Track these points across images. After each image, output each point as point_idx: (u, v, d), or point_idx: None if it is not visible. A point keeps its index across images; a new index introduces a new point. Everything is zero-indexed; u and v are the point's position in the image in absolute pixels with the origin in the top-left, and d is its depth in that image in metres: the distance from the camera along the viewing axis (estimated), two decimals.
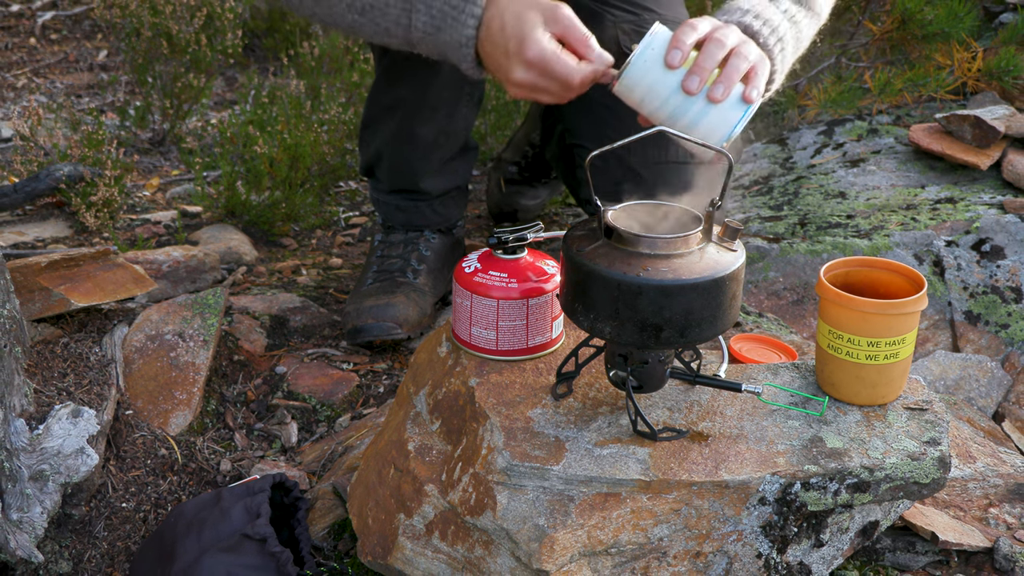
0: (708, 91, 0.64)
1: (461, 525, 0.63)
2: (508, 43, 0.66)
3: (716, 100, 0.64)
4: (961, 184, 1.19)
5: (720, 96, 0.64)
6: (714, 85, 0.64)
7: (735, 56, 0.65)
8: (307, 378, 0.98)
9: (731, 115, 0.65)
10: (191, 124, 1.65)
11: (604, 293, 0.60)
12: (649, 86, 0.64)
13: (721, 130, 0.65)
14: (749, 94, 0.65)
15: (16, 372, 0.76)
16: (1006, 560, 0.69)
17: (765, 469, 0.61)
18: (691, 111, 0.64)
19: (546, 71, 0.66)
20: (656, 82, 0.64)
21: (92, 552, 0.78)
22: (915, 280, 0.67)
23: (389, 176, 1.06)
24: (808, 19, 0.74)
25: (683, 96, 0.64)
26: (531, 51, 0.65)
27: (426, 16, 0.69)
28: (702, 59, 0.64)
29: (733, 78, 0.65)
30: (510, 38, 0.66)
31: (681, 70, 0.64)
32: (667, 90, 0.64)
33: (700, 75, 0.64)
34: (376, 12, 0.70)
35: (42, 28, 2.09)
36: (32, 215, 1.30)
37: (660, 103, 0.64)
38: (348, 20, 0.72)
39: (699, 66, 0.64)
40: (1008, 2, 1.54)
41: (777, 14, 0.71)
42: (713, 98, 0.64)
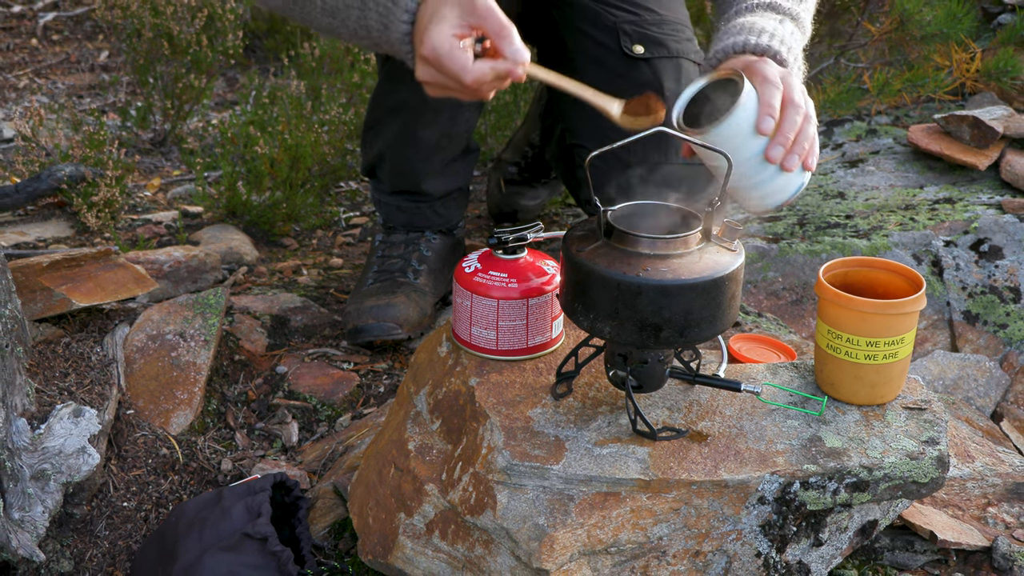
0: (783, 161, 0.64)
1: (461, 524, 0.64)
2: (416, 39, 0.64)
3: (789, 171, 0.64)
4: (959, 184, 1.20)
5: (793, 167, 0.64)
6: (789, 155, 0.64)
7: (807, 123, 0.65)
8: (308, 378, 0.99)
9: (795, 181, 0.66)
10: (192, 124, 1.65)
11: (604, 293, 0.60)
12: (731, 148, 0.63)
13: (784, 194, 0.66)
14: (810, 164, 0.66)
15: (18, 372, 0.76)
16: (1004, 559, 0.69)
17: (764, 468, 0.62)
18: (762, 175, 0.64)
19: (439, 66, 0.62)
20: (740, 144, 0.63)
21: (93, 551, 0.78)
22: (914, 280, 0.67)
23: (391, 177, 1.06)
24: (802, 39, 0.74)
25: (759, 161, 0.64)
26: (426, 46, 0.62)
27: (375, 14, 0.66)
28: (786, 128, 0.63)
29: (805, 148, 0.65)
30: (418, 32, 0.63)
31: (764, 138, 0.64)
32: (748, 154, 0.64)
33: (784, 146, 0.63)
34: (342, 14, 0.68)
35: (44, 29, 2.09)
36: (34, 215, 1.30)
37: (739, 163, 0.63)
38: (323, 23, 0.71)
39: (783, 135, 0.63)
40: (1006, 3, 1.55)
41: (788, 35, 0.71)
42: (788, 168, 0.64)
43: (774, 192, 0.66)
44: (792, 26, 0.73)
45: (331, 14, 0.70)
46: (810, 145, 0.66)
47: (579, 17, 0.98)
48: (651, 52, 0.96)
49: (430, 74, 0.64)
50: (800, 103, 0.65)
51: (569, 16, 0.99)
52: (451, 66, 0.62)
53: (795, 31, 0.73)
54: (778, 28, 0.71)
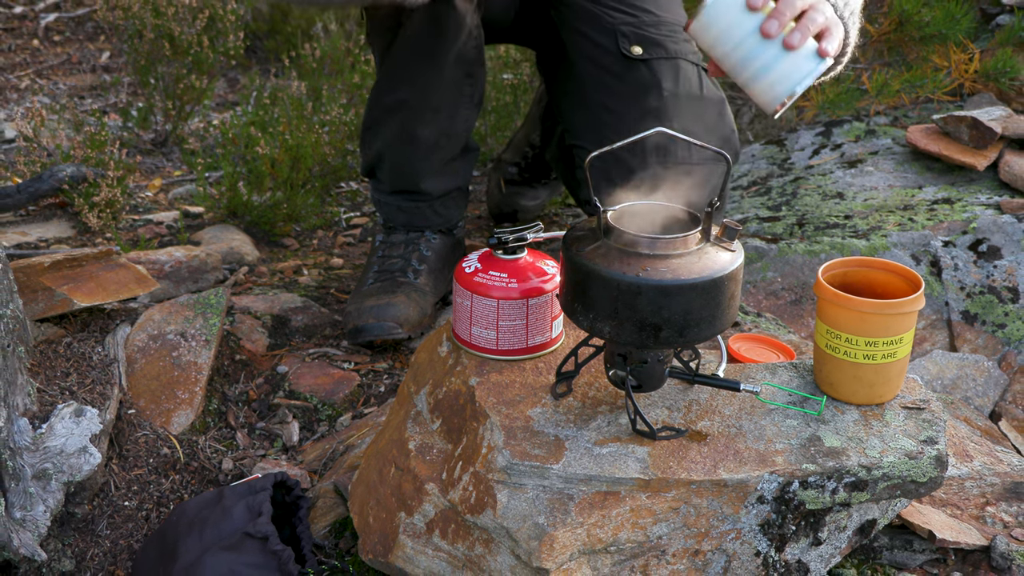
0: (785, 37, 0.62)
1: (461, 523, 0.64)
2: None
3: (793, 47, 0.62)
4: (958, 185, 1.20)
5: (797, 43, 0.62)
6: (792, 32, 0.63)
7: (813, 10, 0.64)
8: (308, 377, 0.99)
9: (805, 65, 0.63)
10: (193, 125, 1.66)
11: (603, 293, 0.60)
12: (726, 27, 0.62)
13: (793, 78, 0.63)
14: (825, 48, 0.64)
15: (19, 371, 0.77)
16: (1003, 558, 0.70)
17: (763, 468, 0.62)
18: (765, 55, 0.62)
19: None
20: (733, 23, 0.62)
21: (95, 550, 0.78)
22: (912, 280, 0.68)
23: (390, 177, 1.07)
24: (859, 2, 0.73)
25: (759, 40, 0.62)
26: None
27: None
28: (782, 5, 0.63)
29: (811, 28, 0.64)
30: None
31: (760, 14, 0.62)
32: (743, 32, 0.62)
33: (780, 20, 0.62)
34: None
35: (45, 30, 2.09)
36: (35, 215, 1.30)
37: (734, 45, 0.62)
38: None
39: (779, 11, 0.63)
40: (1005, 4, 1.55)
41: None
42: (790, 44, 0.62)
43: (782, 77, 0.63)
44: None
45: None
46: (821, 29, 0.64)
47: (577, 18, 0.99)
48: (649, 53, 0.97)
49: None
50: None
51: (567, 17, 1.00)
52: None
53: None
54: None
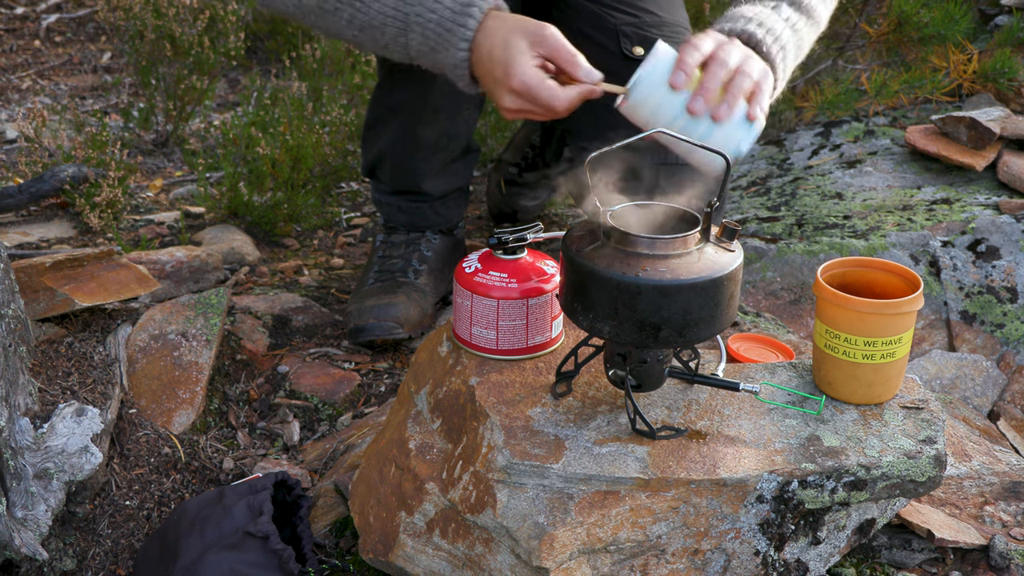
0: (712, 111, 0.64)
1: (462, 523, 0.64)
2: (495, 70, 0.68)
3: (720, 120, 0.64)
4: (957, 185, 1.20)
5: (724, 116, 0.64)
6: (718, 105, 0.64)
7: (739, 75, 0.65)
8: (309, 377, 0.99)
9: (736, 134, 0.66)
10: (194, 126, 1.66)
11: (603, 293, 0.60)
12: (655, 107, 0.65)
13: (727, 149, 0.65)
14: (753, 112, 0.66)
15: (21, 371, 0.77)
16: (1001, 557, 0.70)
17: (763, 467, 0.62)
18: (696, 132, 0.65)
19: (531, 98, 0.67)
20: (661, 103, 0.65)
21: (96, 549, 0.78)
22: (911, 280, 0.68)
23: (391, 177, 1.07)
24: (808, 27, 0.74)
25: (689, 117, 0.64)
26: (515, 80, 0.67)
27: (420, 37, 0.70)
28: (706, 80, 0.65)
29: (737, 97, 0.65)
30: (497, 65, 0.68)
31: (686, 92, 0.64)
32: (672, 111, 0.65)
33: (704, 96, 0.64)
34: (375, 30, 0.72)
35: (47, 30, 2.10)
36: (37, 216, 1.31)
37: (666, 123, 0.65)
38: (349, 35, 0.74)
39: (704, 87, 0.64)
40: (1004, 5, 1.55)
41: (779, 22, 0.71)
42: (717, 118, 0.64)
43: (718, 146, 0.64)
44: (789, 11, 0.72)
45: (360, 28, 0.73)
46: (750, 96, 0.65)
47: (579, 19, 0.99)
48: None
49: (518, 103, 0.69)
50: (726, 60, 0.65)
51: (569, 17, 1.00)
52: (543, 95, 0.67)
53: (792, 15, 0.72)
54: (761, 12, 0.71)
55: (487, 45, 0.68)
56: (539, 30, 0.68)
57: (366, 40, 0.73)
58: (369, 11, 0.71)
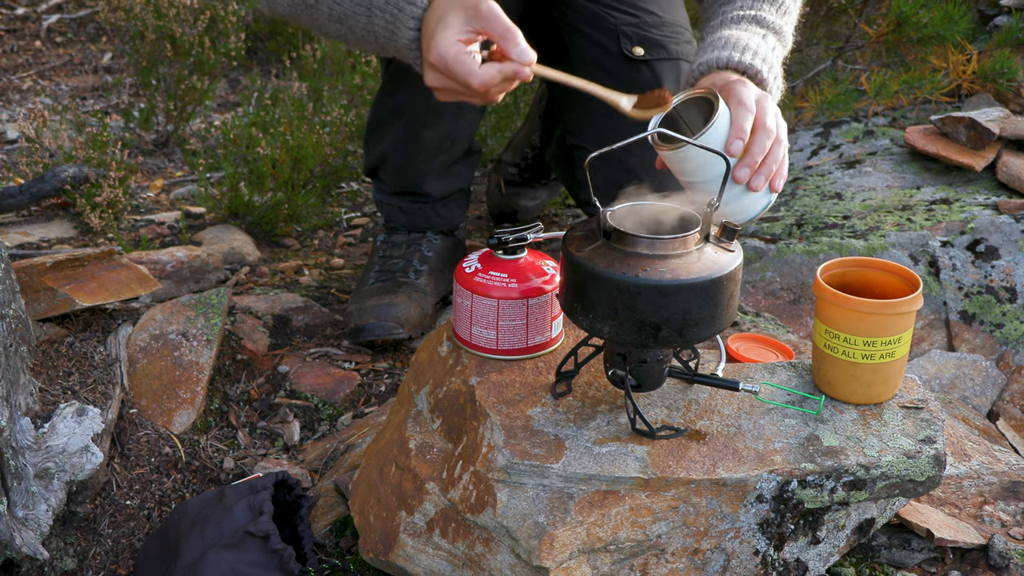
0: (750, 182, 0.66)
1: (462, 522, 0.64)
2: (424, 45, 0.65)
3: (756, 191, 0.66)
4: (956, 185, 1.20)
5: (760, 186, 0.66)
6: (756, 176, 0.66)
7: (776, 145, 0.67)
8: (309, 377, 0.99)
9: (760, 201, 0.68)
10: (195, 126, 1.66)
11: (603, 293, 0.60)
12: (701, 165, 0.65)
13: (748, 213, 0.68)
14: (777, 185, 0.68)
15: (22, 371, 0.77)
16: (1000, 557, 0.70)
17: (762, 467, 0.62)
18: (729, 194, 0.66)
19: (448, 73, 0.63)
20: (709, 162, 0.65)
21: (97, 549, 0.78)
22: (911, 280, 0.68)
23: (393, 178, 1.07)
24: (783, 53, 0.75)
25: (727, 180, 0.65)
26: (433, 53, 0.63)
27: (382, 22, 0.68)
28: (754, 150, 0.65)
29: (772, 170, 0.66)
30: (426, 40, 0.65)
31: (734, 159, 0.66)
32: (716, 172, 0.66)
33: (751, 167, 0.65)
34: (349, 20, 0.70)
35: (47, 31, 2.10)
36: (37, 216, 1.31)
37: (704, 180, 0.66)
38: (331, 29, 0.73)
39: (751, 157, 0.65)
40: (1003, 5, 1.56)
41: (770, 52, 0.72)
42: (754, 188, 0.66)
43: (739, 211, 0.68)
44: (774, 40, 0.74)
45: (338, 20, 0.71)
46: (778, 167, 0.67)
47: (580, 19, 0.99)
48: (651, 54, 0.97)
49: (438, 79, 0.66)
50: (771, 127, 0.66)
51: (570, 18, 1.00)
52: (458, 71, 0.63)
53: (777, 46, 0.74)
54: (761, 45, 0.72)
55: (428, 21, 0.65)
56: (476, 4, 0.63)
57: (346, 32, 0.72)
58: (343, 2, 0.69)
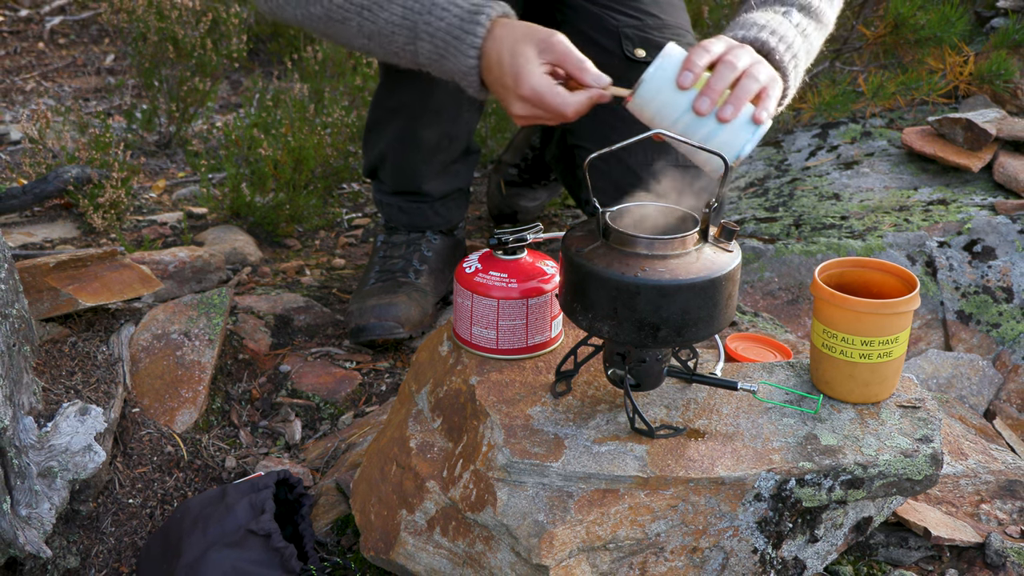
0: (718, 111, 0.65)
1: (462, 521, 0.64)
2: (505, 77, 0.68)
3: (725, 120, 0.65)
4: (953, 186, 1.20)
5: (729, 116, 0.65)
6: (724, 105, 0.65)
7: (746, 77, 0.66)
8: (311, 376, 1.00)
9: (741, 135, 0.66)
10: (197, 127, 1.67)
11: (602, 293, 0.61)
12: (661, 106, 0.65)
13: (730, 150, 0.65)
14: (759, 115, 0.66)
15: (25, 371, 0.77)
16: (997, 555, 0.70)
17: (761, 466, 0.62)
18: (701, 131, 0.65)
19: (542, 105, 0.68)
20: (668, 102, 0.65)
21: (99, 547, 0.79)
22: (908, 280, 0.68)
23: (392, 178, 1.07)
24: (817, 31, 0.74)
25: (694, 116, 0.65)
26: (525, 87, 0.67)
27: (429, 45, 0.71)
28: (713, 80, 0.65)
29: (743, 99, 0.65)
30: (507, 72, 0.68)
31: (693, 91, 0.65)
32: (678, 110, 0.65)
33: (711, 96, 0.64)
34: (383, 38, 0.72)
35: (50, 33, 2.11)
36: (40, 216, 1.31)
37: (671, 122, 0.65)
38: (358, 44, 0.75)
39: (710, 87, 0.65)
40: (999, 7, 1.56)
41: (791, 28, 0.71)
42: (722, 118, 0.65)
43: (721, 146, 0.64)
44: (799, 16, 0.72)
45: (368, 36, 0.73)
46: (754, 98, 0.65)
47: (581, 20, 1.00)
48: (652, 56, 0.97)
49: (528, 110, 0.69)
50: (735, 63, 0.65)
51: (571, 19, 1.00)
52: (553, 102, 0.68)
53: (802, 20, 0.72)
54: (773, 19, 0.71)
55: (496, 52, 0.69)
56: (548, 37, 0.68)
57: (375, 48, 0.74)
58: (377, 20, 0.71)
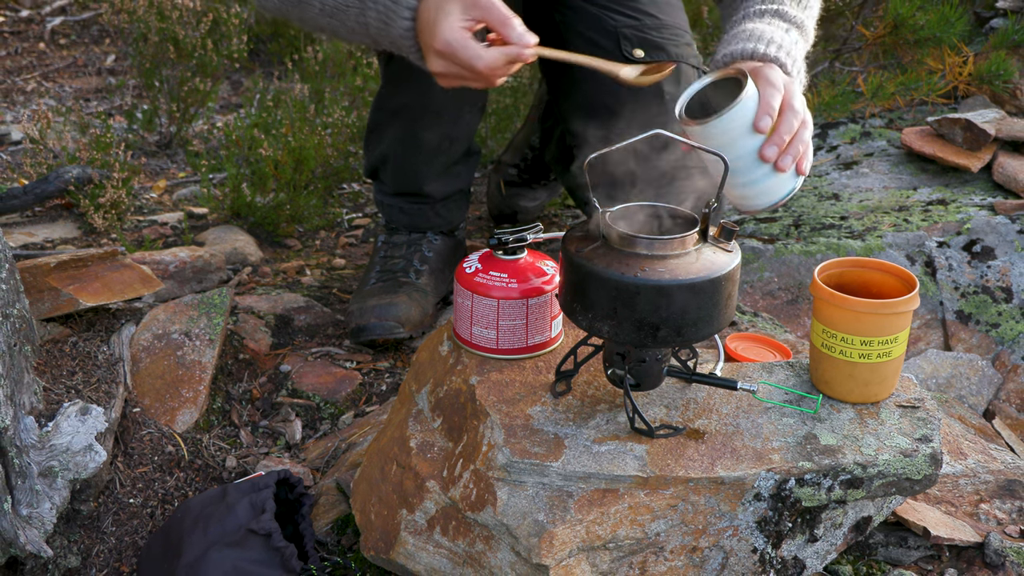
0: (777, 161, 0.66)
1: (462, 520, 0.65)
2: (426, 33, 0.67)
3: (783, 171, 0.66)
4: (952, 186, 1.21)
5: (787, 167, 0.66)
6: (783, 156, 0.66)
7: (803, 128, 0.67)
8: (311, 376, 1.00)
9: (788, 183, 0.67)
10: (197, 127, 1.67)
11: (602, 293, 0.61)
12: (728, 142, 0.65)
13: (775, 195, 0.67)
14: (804, 168, 0.67)
15: (26, 370, 0.77)
16: (996, 555, 0.70)
17: (760, 465, 0.63)
18: (756, 173, 0.66)
19: (454, 59, 0.66)
20: (736, 140, 0.66)
21: (100, 547, 0.79)
22: (907, 280, 0.68)
23: (393, 179, 1.07)
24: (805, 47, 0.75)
25: (754, 159, 0.66)
26: (439, 40, 0.65)
27: (375, 13, 0.69)
28: (782, 129, 0.65)
29: (799, 151, 0.66)
30: (427, 28, 0.67)
31: (761, 136, 0.65)
32: (744, 150, 0.66)
33: (779, 146, 0.65)
34: (341, 14, 0.71)
35: (51, 33, 2.11)
36: (41, 216, 1.31)
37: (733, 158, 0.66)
38: (322, 23, 0.74)
39: (779, 136, 0.65)
40: (999, 8, 1.56)
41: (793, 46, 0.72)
42: (781, 168, 0.66)
43: (766, 192, 0.67)
44: (797, 35, 0.74)
45: (330, 14, 0.72)
46: (804, 149, 0.68)
47: (580, 21, 1.00)
48: (651, 56, 0.98)
49: (444, 66, 0.67)
50: (799, 109, 0.67)
51: (570, 20, 1.01)
52: (464, 55, 0.65)
53: (799, 40, 0.74)
54: (784, 38, 0.72)
55: (426, 11, 0.67)
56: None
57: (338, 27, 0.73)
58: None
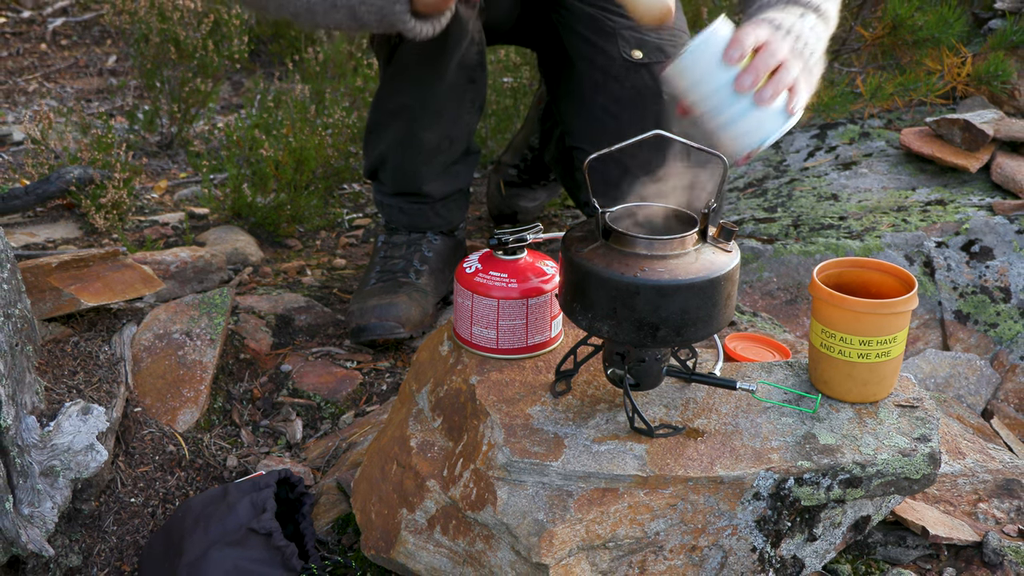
0: (757, 93, 0.63)
1: (462, 520, 0.65)
2: None
3: (763, 103, 0.63)
4: (951, 186, 1.21)
5: (768, 99, 0.63)
6: (764, 87, 0.63)
7: (785, 68, 0.65)
8: (312, 376, 1.00)
9: (773, 121, 0.64)
10: (198, 128, 1.67)
11: (602, 293, 0.61)
12: (700, 76, 0.63)
13: (760, 133, 0.64)
14: (793, 106, 0.65)
15: (27, 370, 0.77)
16: (995, 554, 0.70)
17: (759, 465, 0.63)
18: (735, 108, 0.63)
19: None
20: (708, 74, 0.63)
21: (101, 546, 0.79)
22: (906, 280, 0.68)
23: (393, 179, 1.08)
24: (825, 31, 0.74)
25: (731, 92, 0.63)
26: None
27: None
28: (758, 61, 0.63)
29: (781, 86, 0.64)
30: None
31: (735, 68, 0.63)
32: (717, 84, 0.63)
33: (754, 75, 0.63)
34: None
35: (53, 34, 2.11)
36: (43, 217, 1.32)
37: (705, 95, 0.63)
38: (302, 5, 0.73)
39: (754, 67, 0.63)
40: (997, 8, 1.57)
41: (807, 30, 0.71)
42: (761, 100, 0.63)
43: (749, 131, 0.63)
44: (814, 19, 0.72)
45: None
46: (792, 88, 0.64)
47: (578, 22, 1.00)
48: (649, 57, 0.98)
49: None
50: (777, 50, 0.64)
51: (569, 21, 1.01)
52: None
53: (817, 24, 0.72)
54: (796, 23, 0.71)
55: None
56: None
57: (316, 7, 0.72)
58: None
